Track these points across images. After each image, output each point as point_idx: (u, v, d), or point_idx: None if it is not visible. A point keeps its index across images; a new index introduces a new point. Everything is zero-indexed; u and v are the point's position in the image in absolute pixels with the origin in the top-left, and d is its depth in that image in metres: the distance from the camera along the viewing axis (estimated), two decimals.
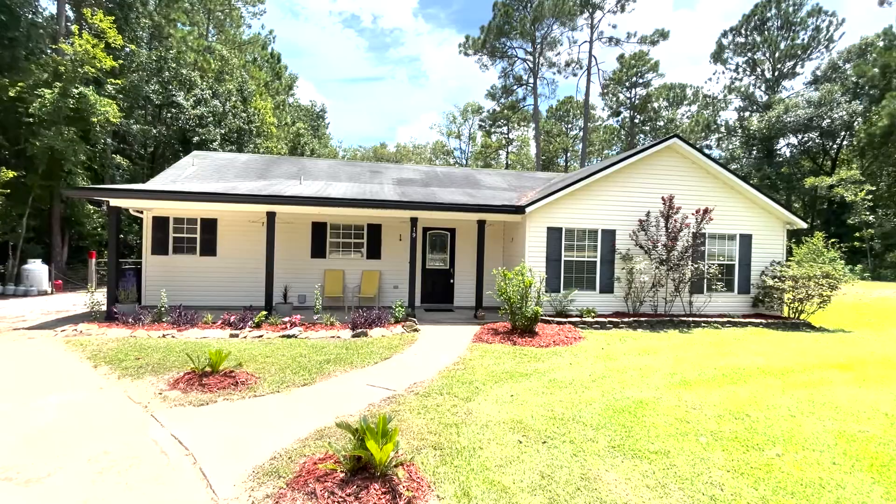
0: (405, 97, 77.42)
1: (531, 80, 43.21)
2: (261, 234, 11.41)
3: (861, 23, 58.14)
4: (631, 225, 11.42)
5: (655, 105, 52.01)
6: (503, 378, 5.99)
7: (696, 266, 11.09)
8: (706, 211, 10.71)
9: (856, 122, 32.53)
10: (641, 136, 55.09)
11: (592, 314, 10.53)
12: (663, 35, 39.98)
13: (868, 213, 25.99)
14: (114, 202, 9.49)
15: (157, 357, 6.53)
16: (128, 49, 23.51)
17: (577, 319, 10.23)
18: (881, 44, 31.93)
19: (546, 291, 10.43)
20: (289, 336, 8.51)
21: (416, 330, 9.29)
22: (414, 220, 10.66)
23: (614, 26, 49.24)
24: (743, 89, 43.06)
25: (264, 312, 9.26)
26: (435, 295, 12.81)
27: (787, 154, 39.01)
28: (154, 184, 11.46)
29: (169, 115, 25.07)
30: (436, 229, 12.81)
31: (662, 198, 10.94)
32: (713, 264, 11.58)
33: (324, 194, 10.72)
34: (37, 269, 15.48)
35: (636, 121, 53.61)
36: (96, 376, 5.68)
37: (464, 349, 7.83)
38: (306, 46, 70.63)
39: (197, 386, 5.11)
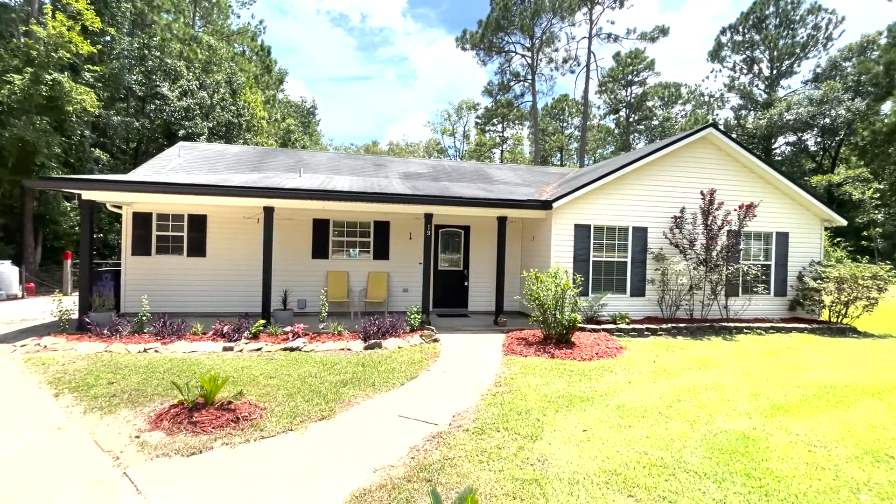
0: (394, 97, 75.89)
1: (529, 77, 42.33)
2: (256, 232, 10.23)
3: (859, 21, 58.40)
4: (663, 222, 10.47)
5: (650, 104, 51.59)
6: (562, 404, 4.94)
7: (736, 267, 10.18)
8: (750, 206, 9.80)
9: (856, 121, 32.20)
10: (636, 134, 54.70)
11: (626, 320, 9.54)
12: (663, 31, 39.38)
13: (876, 211, 25.55)
14: (87, 195, 8.24)
15: (136, 380, 5.34)
16: (108, 37, 22.02)
17: (612, 326, 9.24)
18: (884, 41, 31.62)
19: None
20: (292, 349, 7.37)
21: (435, 340, 8.21)
22: (428, 217, 9.58)
23: (612, 22, 48.45)
24: (741, 87, 42.67)
25: (262, 321, 8.10)
26: (448, 299, 11.72)
27: (787, 152, 38.74)
28: (135, 176, 10.19)
29: (153, 106, 23.58)
30: (448, 227, 11.73)
31: (702, 192, 10.01)
32: (755, 264, 10.69)
33: (328, 187, 9.57)
34: (6, 271, 14.03)
35: (631, 120, 53.17)
36: (56, 409, 4.49)
37: (498, 364, 6.77)
38: (295, 45, 68.90)
39: (186, 424, 3.97)
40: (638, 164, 10.22)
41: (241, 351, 7.26)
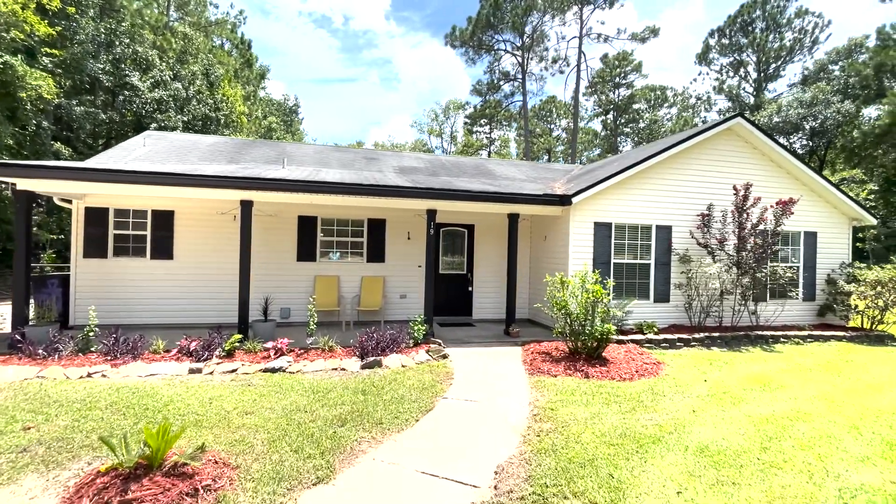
0: (377, 99, 73.90)
1: (519, 76, 41.58)
2: (232, 231, 8.90)
3: (844, 24, 59.50)
4: (688, 221, 9.53)
5: (637, 107, 51.54)
6: (630, 449, 3.82)
7: (771, 269, 9.27)
8: (788, 202, 8.89)
9: (844, 123, 32.25)
10: (622, 137, 54.55)
11: (654, 329, 8.52)
12: (654, 32, 39.11)
13: (872, 213, 25.34)
14: (23, 184, 6.81)
15: (64, 423, 4.02)
16: (74, 24, 20.22)
17: (640, 337, 8.20)
18: (872, 44, 31.79)
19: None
20: (274, 370, 6.10)
21: (444, 356, 7.01)
22: (431, 213, 8.41)
23: (602, 23, 48.27)
24: (730, 89, 42.76)
25: (238, 335, 6.78)
26: (450, 306, 10.54)
27: None
28: (86, 164, 8.75)
29: (122, 98, 21.83)
30: (450, 226, 10.56)
31: (734, 186, 9.08)
32: (789, 266, 9.83)
33: (316, 179, 8.31)
34: None
35: (619, 122, 53.01)
36: None
37: (526, 387, 5.63)
38: (277, 46, 66.50)
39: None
40: (662, 156, 9.23)
41: (211, 374, 5.95)
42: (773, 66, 40.78)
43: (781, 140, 36.88)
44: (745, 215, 8.89)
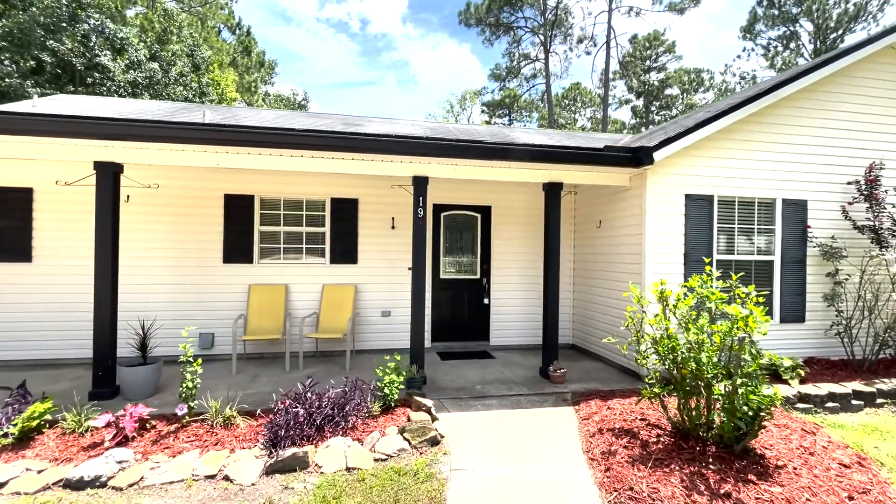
0: (394, 100, 71.26)
1: (541, 56, 37.94)
2: (130, 217, 5.77)
3: None
4: (834, 192, 5.98)
5: (669, 92, 47.07)
6: None
7: None
8: None
9: None
10: (653, 126, 50.14)
11: (800, 373, 4.99)
12: (694, 0, 34.82)
13: None
14: None
15: None
16: None
17: (787, 390, 4.69)
18: None
19: None
20: (82, 485, 2.94)
21: (434, 441, 3.68)
22: (420, 183, 5.13)
23: None
24: (784, 62, 38.03)
25: (42, 405, 3.60)
26: (457, 325, 7.21)
27: None
28: None
29: (90, 80, 19.29)
30: (456, 209, 7.24)
31: None
32: None
33: (227, 122, 5.09)
34: None
35: (650, 109, 48.65)
36: None
37: None
38: (300, 52, 65.60)
39: None
40: (783, 90, 5.69)
41: None
42: (833, 35, 35.86)
43: None
44: None
